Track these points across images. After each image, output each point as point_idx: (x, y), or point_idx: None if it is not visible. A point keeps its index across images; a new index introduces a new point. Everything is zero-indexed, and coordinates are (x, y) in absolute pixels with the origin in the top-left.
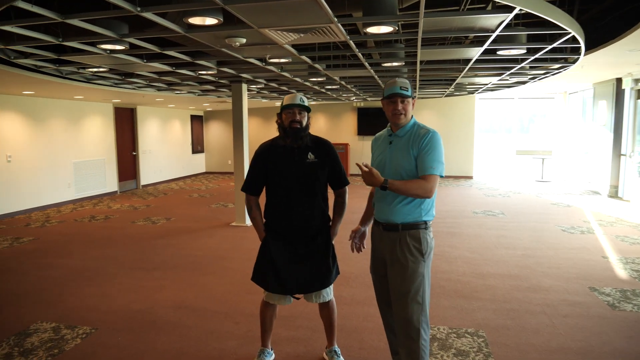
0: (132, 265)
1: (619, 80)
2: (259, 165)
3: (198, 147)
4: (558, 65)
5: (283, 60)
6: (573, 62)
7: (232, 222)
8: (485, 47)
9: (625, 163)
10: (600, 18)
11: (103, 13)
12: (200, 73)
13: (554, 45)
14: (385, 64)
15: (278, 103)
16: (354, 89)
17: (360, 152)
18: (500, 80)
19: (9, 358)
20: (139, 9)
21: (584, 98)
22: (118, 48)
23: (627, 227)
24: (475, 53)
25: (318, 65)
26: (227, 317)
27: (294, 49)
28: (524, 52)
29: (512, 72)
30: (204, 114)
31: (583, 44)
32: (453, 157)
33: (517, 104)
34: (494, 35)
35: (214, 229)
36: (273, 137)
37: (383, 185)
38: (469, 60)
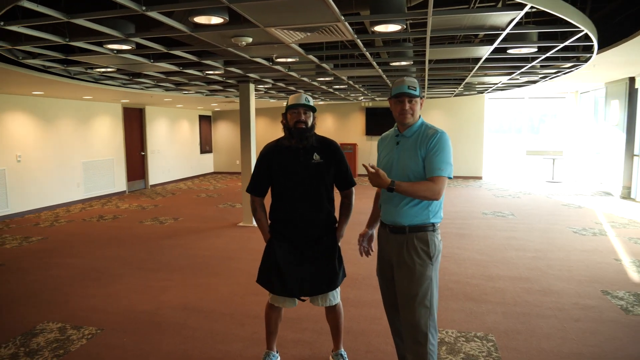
0: (138, 266)
1: (632, 80)
2: (264, 166)
3: (206, 147)
4: (570, 64)
5: (290, 60)
6: (585, 60)
7: (239, 222)
8: (495, 45)
9: (639, 163)
10: (613, 16)
11: (109, 12)
12: (208, 73)
13: (566, 44)
14: (394, 63)
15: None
16: (362, 89)
17: (369, 152)
18: (511, 80)
19: (15, 358)
20: (144, 8)
21: (596, 97)
22: (125, 48)
23: None
24: (485, 52)
25: (325, 65)
26: (232, 318)
27: (301, 48)
28: (535, 50)
29: (522, 71)
30: (212, 114)
31: (596, 42)
32: (462, 157)
33: (527, 104)
34: (504, 34)
35: (221, 229)
36: (279, 137)
37: (390, 187)
38: (479, 59)
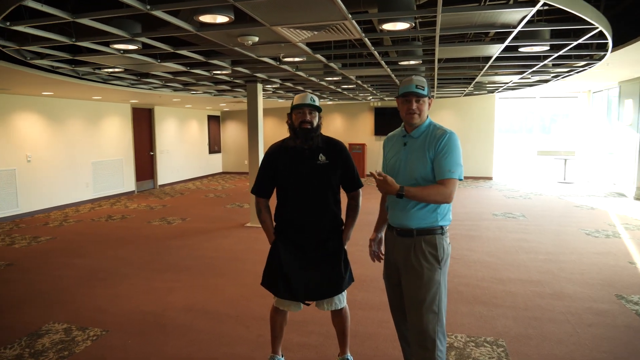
0: (145, 266)
1: None
2: (269, 167)
3: (215, 147)
4: (583, 63)
5: (297, 59)
6: (599, 59)
7: (246, 222)
8: (507, 44)
9: None
10: (629, 13)
11: (114, 12)
12: (215, 73)
13: (580, 42)
14: (402, 63)
15: None
16: (371, 89)
17: (378, 152)
18: (522, 79)
19: (20, 359)
20: (149, 7)
21: (609, 97)
22: (131, 48)
23: None
24: (496, 50)
25: (333, 64)
26: (238, 320)
27: (308, 48)
28: (547, 48)
29: (534, 70)
30: (221, 114)
31: (611, 40)
32: (472, 157)
33: (538, 103)
34: (516, 31)
35: (229, 230)
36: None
37: (399, 193)
38: (489, 58)
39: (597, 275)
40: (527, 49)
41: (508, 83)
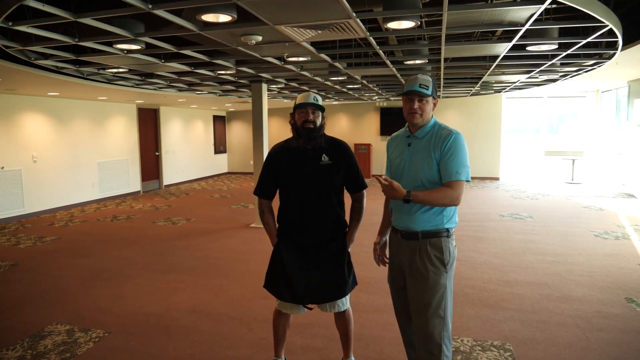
0: (149, 267)
1: None
2: (271, 168)
3: (220, 147)
4: (592, 62)
5: (302, 59)
6: (608, 57)
7: (251, 223)
8: (514, 42)
9: None
10: (638, 11)
11: (115, 11)
12: (219, 73)
13: (589, 40)
14: (408, 62)
15: None
16: (376, 88)
17: (384, 152)
18: (529, 78)
19: None
20: (151, 7)
21: (618, 96)
22: (134, 48)
23: None
24: (503, 49)
25: (338, 64)
26: (241, 322)
27: (313, 47)
28: (556, 47)
29: (542, 69)
30: (227, 114)
31: (621, 38)
32: (479, 157)
33: (546, 103)
34: (523, 30)
35: (233, 230)
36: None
37: (406, 198)
38: (496, 57)
39: (606, 278)
40: (534, 48)
41: (515, 82)
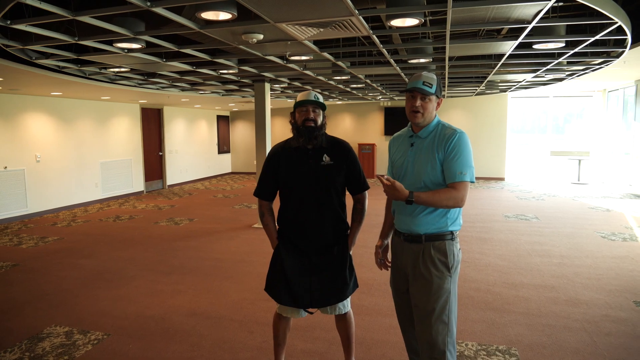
0: (150, 268)
1: None
2: (271, 169)
3: (224, 147)
4: (599, 60)
5: (304, 58)
6: (617, 56)
7: (254, 223)
8: (520, 40)
9: None
10: None
11: (114, 9)
12: (222, 72)
13: (597, 37)
14: (412, 61)
15: None
16: (380, 88)
17: (387, 152)
18: (535, 77)
19: None
20: (149, 4)
21: (626, 96)
22: (134, 47)
23: None
24: (509, 47)
25: (341, 63)
26: (241, 325)
27: (315, 46)
28: (563, 45)
29: (548, 68)
30: (230, 114)
31: (630, 36)
32: (484, 158)
33: (552, 103)
34: (530, 27)
35: (236, 231)
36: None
37: (409, 200)
38: (502, 56)
39: (614, 281)
40: (541, 46)
41: (521, 82)
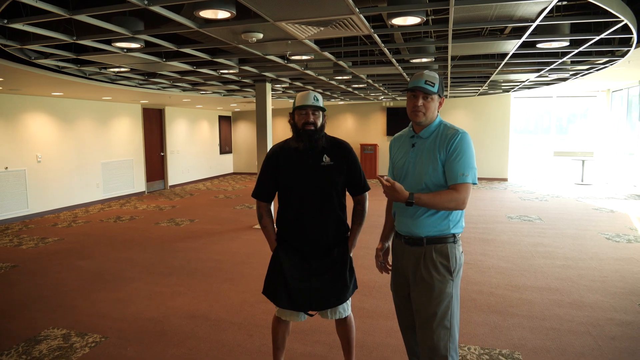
0: (150, 269)
1: None
2: (270, 170)
3: (226, 147)
4: (604, 60)
5: (305, 57)
6: (622, 55)
7: (255, 224)
8: (524, 39)
9: None
10: None
11: (111, 7)
12: (223, 72)
13: (602, 36)
14: (414, 60)
15: None
16: (382, 88)
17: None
18: (539, 77)
19: None
20: (146, 2)
21: (630, 96)
22: (133, 46)
23: None
24: (512, 47)
25: (343, 63)
26: (241, 328)
27: (316, 45)
28: (567, 44)
29: (552, 67)
30: (232, 115)
31: (636, 34)
32: (487, 158)
33: (555, 103)
34: (534, 25)
35: (236, 232)
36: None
37: (409, 201)
38: (505, 55)
39: (619, 283)
40: (545, 45)
41: (524, 82)
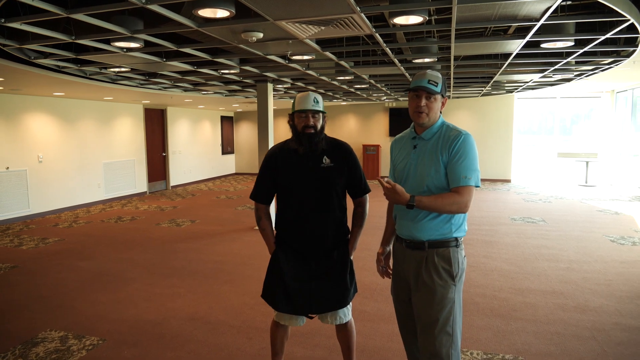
0: (150, 270)
1: None
2: (268, 171)
3: (228, 148)
4: (609, 60)
5: (307, 58)
6: (627, 55)
7: (256, 225)
8: (528, 39)
9: None
10: None
11: (109, 6)
12: (224, 72)
13: (608, 36)
14: (416, 60)
15: None
16: (385, 88)
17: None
18: (543, 78)
19: None
20: (144, 1)
21: (634, 97)
22: (133, 46)
23: None
24: (516, 46)
25: (344, 63)
26: (240, 331)
27: (317, 45)
28: (572, 44)
29: (556, 68)
30: (234, 115)
31: None
32: (490, 159)
33: (559, 104)
34: (538, 25)
35: (237, 233)
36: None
37: (410, 204)
38: (509, 55)
39: (624, 287)
40: (549, 45)
41: (528, 82)
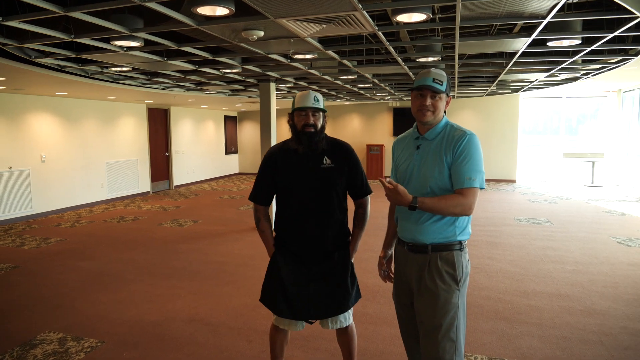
0: (151, 271)
1: None
2: (268, 172)
3: (232, 147)
4: (617, 59)
5: (309, 56)
6: (635, 54)
7: None
8: (534, 37)
9: None
10: None
11: (106, 4)
12: (225, 72)
13: (616, 34)
14: (420, 59)
15: None
16: (389, 88)
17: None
18: (549, 77)
19: None
20: None
21: None
22: (133, 44)
23: None
24: (522, 45)
25: (347, 62)
26: (240, 333)
27: (319, 44)
28: (579, 42)
29: (562, 67)
30: (238, 115)
31: None
32: (495, 159)
33: (565, 103)
34: (545, 22)
35: (240, 233)
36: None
37: (412, 205)
38: (514, 54)
39: (632, 290)
40: (556, 43)
41: (534, 81)
